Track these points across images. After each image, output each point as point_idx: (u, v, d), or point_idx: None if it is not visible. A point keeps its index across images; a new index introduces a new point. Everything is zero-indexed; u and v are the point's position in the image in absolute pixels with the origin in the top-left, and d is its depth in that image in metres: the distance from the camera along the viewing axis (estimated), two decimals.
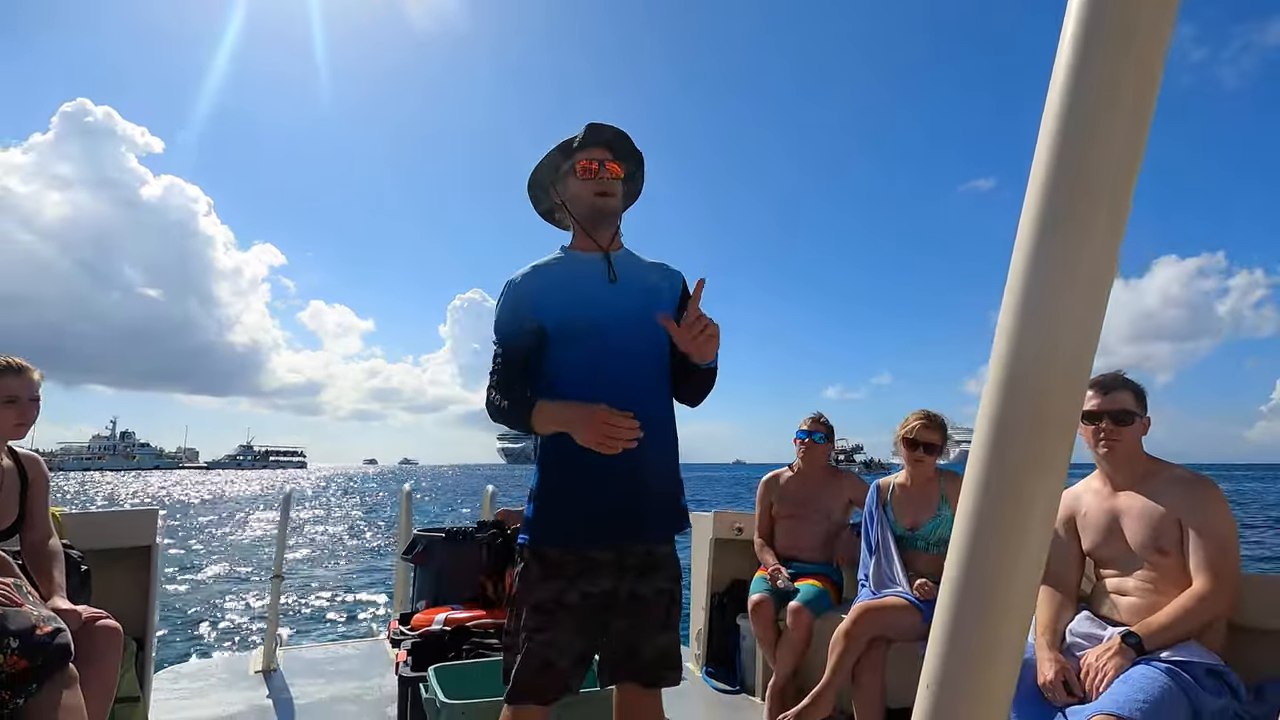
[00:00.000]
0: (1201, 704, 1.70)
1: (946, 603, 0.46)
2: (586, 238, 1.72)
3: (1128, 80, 0.40)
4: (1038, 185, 0.42)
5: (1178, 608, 1.86)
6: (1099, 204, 0.41)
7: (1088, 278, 0.42)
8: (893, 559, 2.75)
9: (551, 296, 1.64)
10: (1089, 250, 0.41)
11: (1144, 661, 1.79)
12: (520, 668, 1.54)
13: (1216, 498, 1.91)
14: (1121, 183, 0.41)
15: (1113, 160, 0.40)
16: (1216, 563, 1.86)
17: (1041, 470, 0.43)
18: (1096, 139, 0.41)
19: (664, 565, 1.67)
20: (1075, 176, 0.41)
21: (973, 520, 0.45)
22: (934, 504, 2.77)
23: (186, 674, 3.24)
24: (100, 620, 1.91)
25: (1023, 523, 0.43)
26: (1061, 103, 0.42)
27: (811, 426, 3.37)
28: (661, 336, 1.69)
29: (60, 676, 1.60)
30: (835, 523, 3.31)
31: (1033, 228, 0.43)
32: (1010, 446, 0.43)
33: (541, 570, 1.58)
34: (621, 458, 1.56)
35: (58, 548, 2.08)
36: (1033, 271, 0.43)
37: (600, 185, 1.67)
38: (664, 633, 1.65)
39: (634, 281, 1.71)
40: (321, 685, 3.15)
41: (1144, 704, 1.65)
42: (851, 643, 2.53)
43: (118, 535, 2.62)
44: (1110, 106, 0.40)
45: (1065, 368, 0.42)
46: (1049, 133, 0.42)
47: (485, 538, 3.29)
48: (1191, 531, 1.91)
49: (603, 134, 1.69)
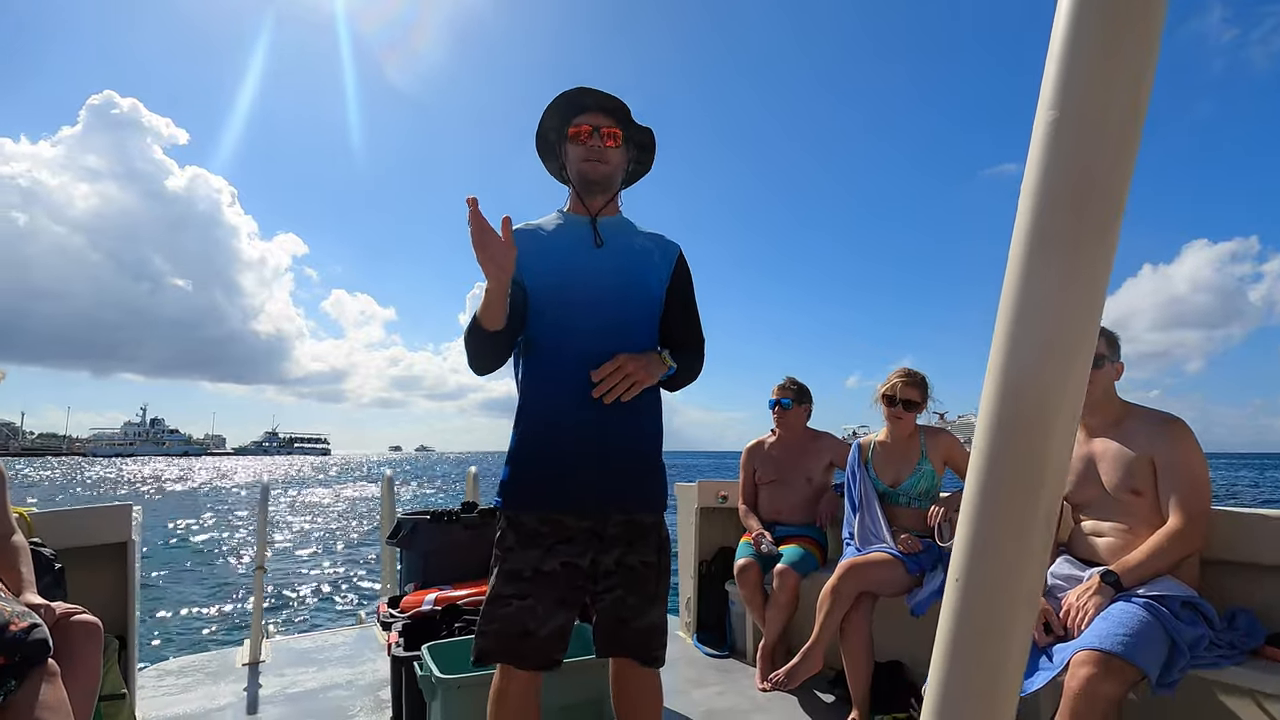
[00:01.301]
0: (1179, 634, 1.76)
1: (955, 597, 0.48)
2: (578, 202, 1.71)
3: (1119, 81, 0.41)
4: (1032, 181, 0.44)
5: (1153, 545, 1.91)
6: (1095, 195, 0.42)
7: (1085, 272, 0.43)
8: (876, 515, 2.79)
9: (535, 256, 1.62)
10: (1086, 240, 0.43)
11: (1123, 598, 1.84)
12: (498, 630, 1.53)
13: (1187, 436, 1.96)
14: (1118, 176, 0.42)
15: (1108, 150, 0.42)
16: (1189, 501, 1.91)
17: (1039, 479, 0.45)
18: (1092, 128, 0.42)
19: (649, 536, 1.66)
20: (1070, 172, 0.42)
21: (978, 524, 0.46)
22: (914, 460, 2.81)
23: (172, 670, 3.19)
24: (77, 615, 1.86)
25: (1026, 536, 0.45)
26: (1052, 103, 0.43)
27: (779, 394, 3.38)
28: (647, 302, 1.69)
29: (40, 672, 1.56)
30: (817, 485, 3.34)
31: (1030, 215, 0.44)
32: (1009, 448, 0.45)
33: (518, 537, 1.57)
34: (598, 424, 1.56)
35: (22, 543, 2.01)
36: (1028, 269, 0.44)
37: (590, 151, 1.65)
38: (653, 607, 1.64)
39: (621, 247, 1.69)
40: (312, 673, 3.12)
41: (1125, 638, 1.70)
42: (838, 598, 2.57)
43: (92, 533, 2.54)
44: (1103, 107, 0.41)
45: (1062, 367, 0.44)
46: (1042, 134, 0.43)
47: (470, 518, 3.27)
48: (1164, 471, 1.96)
49: (597, 99, 1.66)
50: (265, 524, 3.63)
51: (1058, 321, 0.43)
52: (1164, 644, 1.75)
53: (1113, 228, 0.42)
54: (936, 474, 2.79)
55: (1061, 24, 0.43)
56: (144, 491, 36.50)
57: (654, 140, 1.77)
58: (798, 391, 3.38)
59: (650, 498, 1.66)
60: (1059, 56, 0.43)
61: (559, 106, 1.68)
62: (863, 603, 2.58)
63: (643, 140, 1.76)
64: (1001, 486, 0.45)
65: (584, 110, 1.67)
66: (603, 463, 1.58)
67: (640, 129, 1.73)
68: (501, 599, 1.55)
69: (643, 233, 1.75)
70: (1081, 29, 0.42)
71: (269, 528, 3.69)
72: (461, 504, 3.52)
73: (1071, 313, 0.43)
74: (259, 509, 3.59)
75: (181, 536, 16.33)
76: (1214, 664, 1.81)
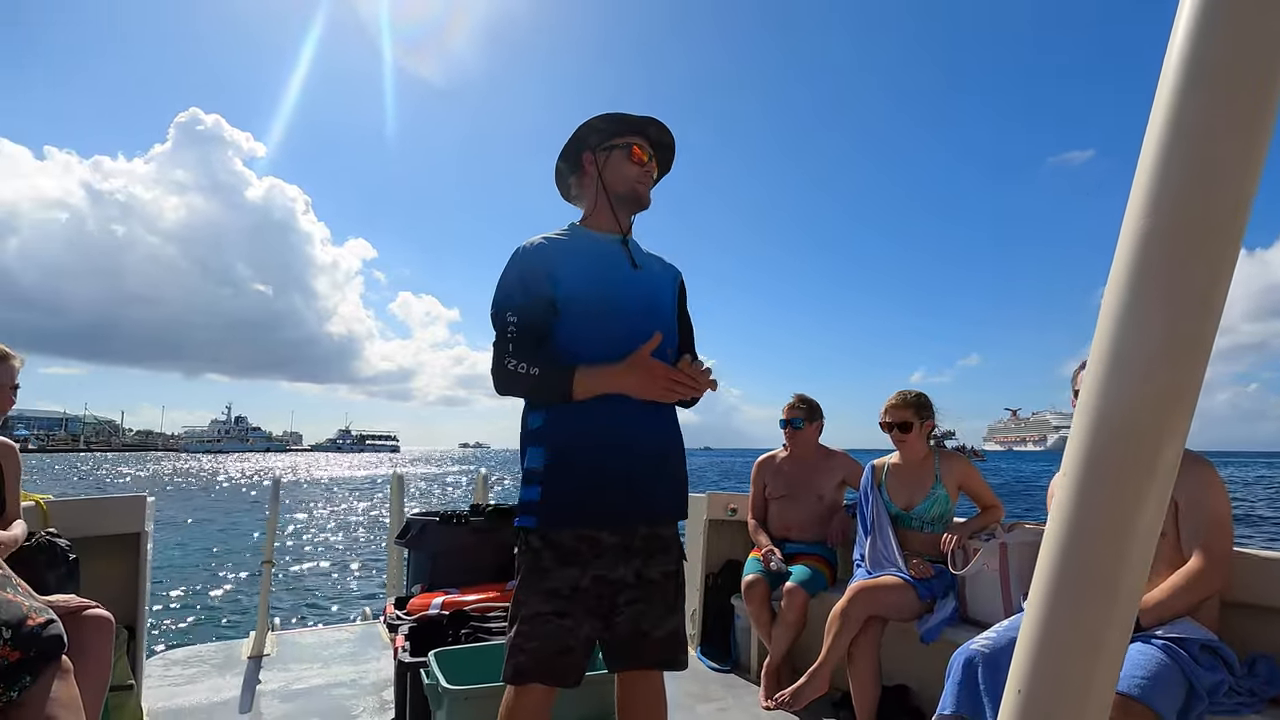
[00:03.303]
0: (1198, 678, 1.73)
1: (1040, 603, 0.45)
2: (609, 217, 1.71)
3: (1243, 94, 0.38)
4: (1143, 186, 0.40)
5: (1173, 585, 1.88)
6: (1216, 202, 0.39)
7: (1197, 296, 0.39)
8: (888, 538, 2.76)
9: (568, 269, 1.61)
10: (1200, 261, 0.39)
11: (1141, 639, 1.81)
12: (538, 648, 1.51)
13: (1211, 476, 1.93)
14: (1239, 188, 0.38)
15: (1231, 157, 0.38)
16: (1211, 542, 1.88)
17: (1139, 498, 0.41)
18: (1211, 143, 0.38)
19: (670, 547, 1.67)
20: (1189, 174, 0.39)
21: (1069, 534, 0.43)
22: (928, 483, 2.78)
23: (179, 660, 3.20)
24: (90, 610, 1.87)
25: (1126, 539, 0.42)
26: (1169, 113, 0.39)
27: (790, 413, 3.36)
28: (669, 322, 1.72)
29: (54, 668, 1.57)
30: (828, 503, 3.32)
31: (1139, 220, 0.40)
32: (1106, 476, 0.42)
33: (556, 556, 1.55)
34: (628, 440, 1.57)
35: (9, 538, 2.02)
36: (1134, 290, 0.41)
37: (645, 173, 1.70)
38: (672, 615, 1.65)
39: (648, 268, 1.73)
40: (317, 670, 3.13)
41: (1142, 680, 1.67)
42: (847, 621, 2.55)
43: (106, 523, 2.56)
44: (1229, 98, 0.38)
45: (1165, 397, 0.40)
46: (1155, 138, 0.40)
47: (479, 521, 3.27)
48: (1186, 511, 1.93)
49: (666, 136, 1.74)
50: (276, 518, 3.65)
51: (1165, 347, 0.40)
52: (1182, 688, 1.72)
53: (1233, 241, 0.39)
54: (950, 499, 2.76)
55: (1184, 21, 0.39)
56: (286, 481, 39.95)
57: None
58: (808, 410, 3.36)
59: (676, 508, 1.68)
60: (1184, 42, 0.39)
61: (622, 118, 1.70)
62: (872, 626, 2.56)
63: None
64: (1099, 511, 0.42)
65: (647, 134, 1.72)
66: (640, 479, 1.59)
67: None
68: (541, 617, 1.53)
69: (651, 255, 1.79)
70: (1205, 31, 0.39)
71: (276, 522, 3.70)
72: (470, 506, 3.52)
73: (1181, 338, 0.40)
74: (270, 504, 3.61)
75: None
76: (1233, 710, 1.77)
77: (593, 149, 1.72)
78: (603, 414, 1.57)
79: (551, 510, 1.56)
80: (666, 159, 1.80)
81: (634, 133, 1.70)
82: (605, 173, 1.70)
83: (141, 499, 2.65)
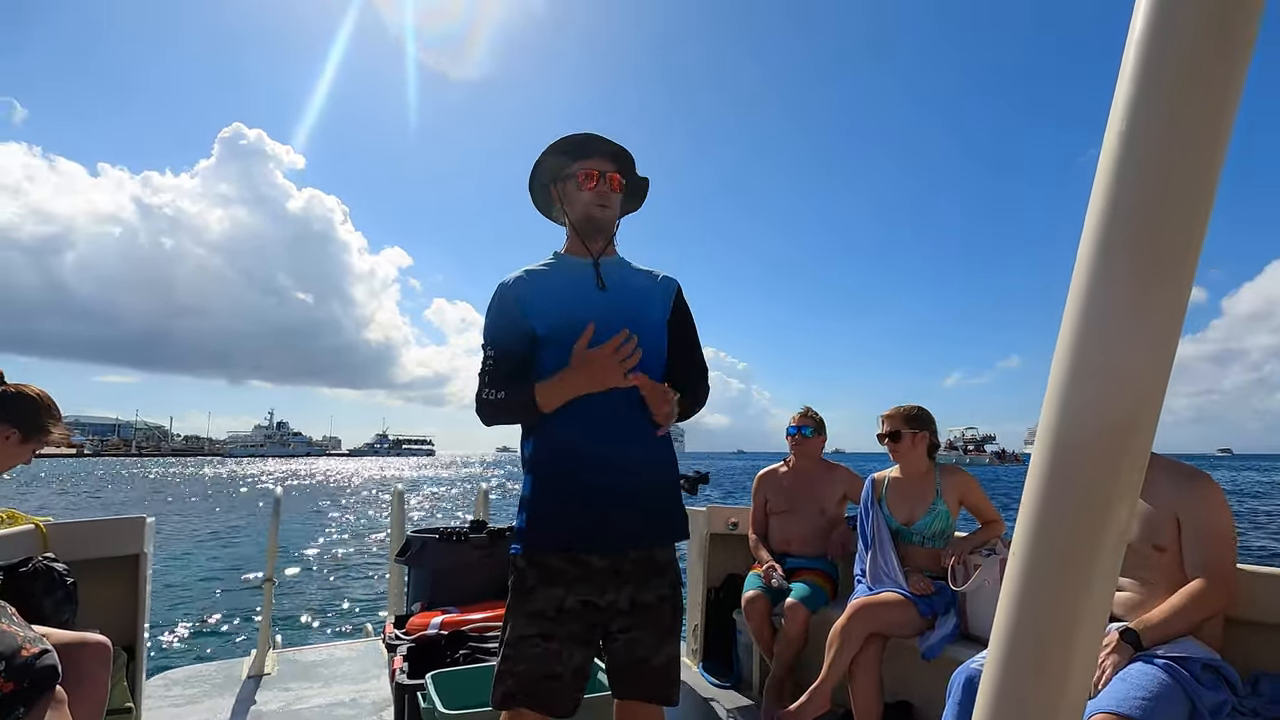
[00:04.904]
0: (1200, 699, 1.71)
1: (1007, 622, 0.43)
2: (579, 244, 1.73)
3: (1204, 94, 0.36)
4: (1102, 189, 0.39)
5: (1175, 604, 1.86)
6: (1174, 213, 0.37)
7: (1159, 303, 0.38)
8: (889, 554, 2.75)
9: (541, 301, 1.64)
10: (1161, 269, 0.38)
11: (1142, 658, 1.79)
12: (524, 671, 1.52)
13: (1214, 493, 1.91)
14: (1200, 184, 0.37)
15: (1191, 159, 0.37)
16: (1214, 560, 1.86)
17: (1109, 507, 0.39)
18: (1170, 143, 0.37)
19: (666, 570, 1.66)
20: (1146, 180, 0.38)
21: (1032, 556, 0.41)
22: (929, 499, 2.77)
23: (179, 680, 3.20)
24: (87, 639, 1.87)
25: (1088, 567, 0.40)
26: (1126, 108, 0.38)
27: (800, 421, 3.36)
28: (654, 342, 1.70)
29: (47, 698, 1.57)
30: (830, 517, 3.31)
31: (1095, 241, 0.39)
32: (1068, 493, 0.40)
33: (540, 576, 1.56)
34: (604, 459, 1.58)
35: None
36: (1093, 297, 0.39)
37: (600, 197, 1.69)
38: (668, 641, 1.63)
39: (623, 287, 1.72)
40: (318, 689, 3.12)
41: (1143, 701, 1.65)
42: (848, 639, 2.53)
43: (105, 545, 2.57)
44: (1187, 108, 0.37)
45: (1131, 406, 0.39)
46: (1112, 149, 0.39)
47: (479, 538, 3.26)
48: (1189, 528, 1.91)
49: (607, 146, 1.72)
50: (276, 536, 3.65)
51: (1130, 346, 0.38)
52: (1184, 709, 1.70)
53: (1193, 242, 0.37)
54: (951, 514, 2.75)
55: (1139, 28, 0.38)
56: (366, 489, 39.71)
57: (647, 188, 1.86)
58: (817, 423, 3.37)
59: (671, 530, 1.67)
60: (1138, 51, 0.38)
61: (565, 148, 1.71)
62: (873, 643, 2.54)
63: (638, 187, 1.83)
64: (1055, 528, 0.40)
65: (590, 155, 1.71)
66: (624, 499, 1.59)
67: (639, 178, 1.81)
68: (526, 640, 1.53)
69: (640, 271, 1.79)
70: (1163, 33, 0.37)
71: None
72: (470, 523, 3.51)
73: (1147, 336, 0.38)
74: (271, 520, 3.61)
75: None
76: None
77: (553, 183, 1.75)
78: (575, 433, 1.59)
79: (535, 532, 1.57)
80: (625, 169, 1.75)
81: (581, 157, 1.70)
82: (565, 203, 1.73)
83: (141, 520, 2.65)
